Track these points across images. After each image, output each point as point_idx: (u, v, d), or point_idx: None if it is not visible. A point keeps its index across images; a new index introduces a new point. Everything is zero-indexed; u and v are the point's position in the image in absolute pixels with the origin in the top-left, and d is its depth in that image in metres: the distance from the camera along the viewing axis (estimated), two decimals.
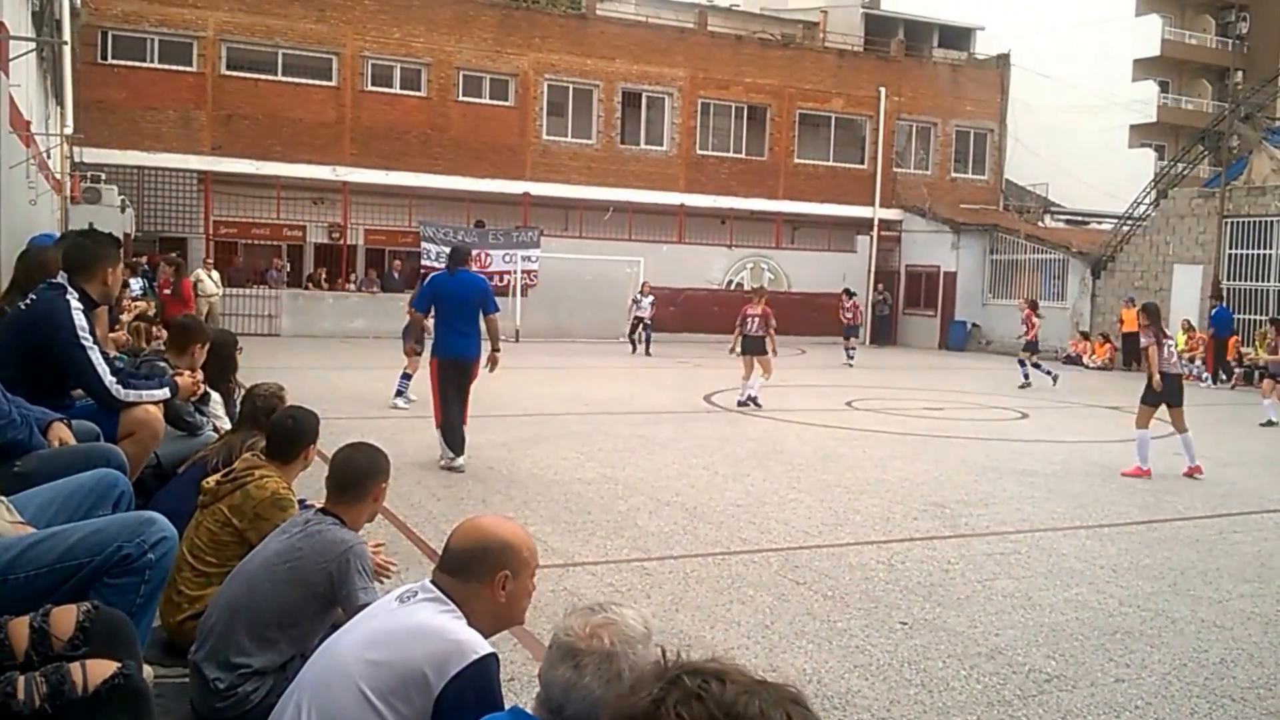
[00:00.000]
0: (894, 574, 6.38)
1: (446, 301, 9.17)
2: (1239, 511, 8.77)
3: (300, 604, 3.45)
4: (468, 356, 9.14)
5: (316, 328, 24.68)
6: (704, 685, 1.34)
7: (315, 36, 26.49)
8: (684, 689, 1.34)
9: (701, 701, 1.32)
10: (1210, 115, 36.42)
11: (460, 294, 9.11)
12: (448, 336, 9.16)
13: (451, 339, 9.12)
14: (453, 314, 9.13)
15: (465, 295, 9.09)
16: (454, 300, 9.12)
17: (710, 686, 1.33)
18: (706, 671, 1.36)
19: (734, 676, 1.36)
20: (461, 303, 9.09)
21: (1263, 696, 4.63)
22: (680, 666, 1.38)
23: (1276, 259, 23.03)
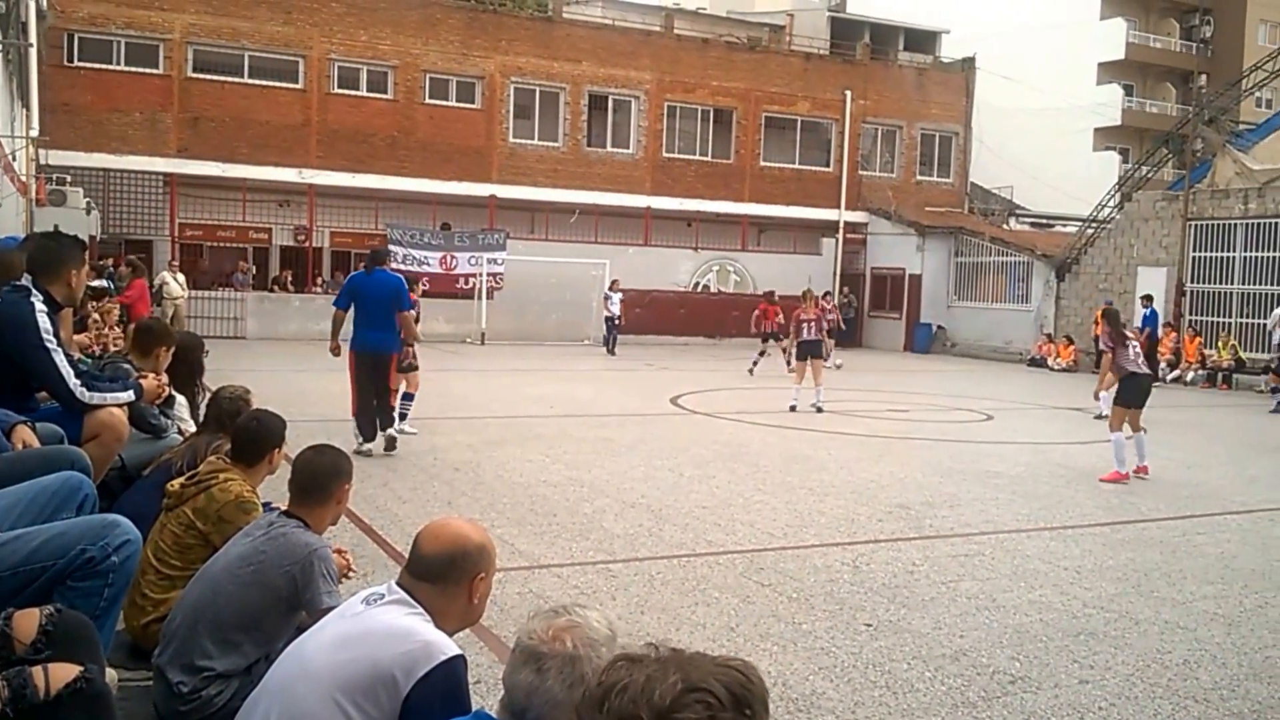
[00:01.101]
0: (859, 576, 6.42)
1: (362, 298, 9.77)
2: (1202, 513, 8.86)
3: (264, 607, 3.43)
4: (379, 349, 9.74)
5: (282, 330, 24.49)
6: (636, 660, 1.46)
7: (282, 39, 26.34)
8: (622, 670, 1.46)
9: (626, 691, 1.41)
10: (1174, 118, 36.94)
11: (375, 292, 9.73)
12: (362, 331, 9.77)
13: (365, 333, 9.74)
14: (368, 310, 9.73)
15: (379, 293, 9.71)
16: (369, 297, 9.73)
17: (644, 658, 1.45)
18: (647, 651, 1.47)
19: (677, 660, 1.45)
20: (376, 300, 9.70)
21: (1225, 698, 4.68)
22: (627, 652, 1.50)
23: (1240, 261, 23.37)
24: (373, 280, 9.83)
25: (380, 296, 9.68)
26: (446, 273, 26.26)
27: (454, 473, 9.18)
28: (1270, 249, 22.71)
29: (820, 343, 14.94)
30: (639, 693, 1.40)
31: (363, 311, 9.74)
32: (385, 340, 9.75)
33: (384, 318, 9.70)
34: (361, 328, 9.76)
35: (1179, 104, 44.73)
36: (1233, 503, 9.34)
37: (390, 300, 9.69)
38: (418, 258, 25.96)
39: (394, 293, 9.70)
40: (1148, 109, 46.30)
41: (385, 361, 9.82)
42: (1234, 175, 24.22)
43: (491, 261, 26.39)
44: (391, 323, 9.75)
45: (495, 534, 5.79)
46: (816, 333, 14.99)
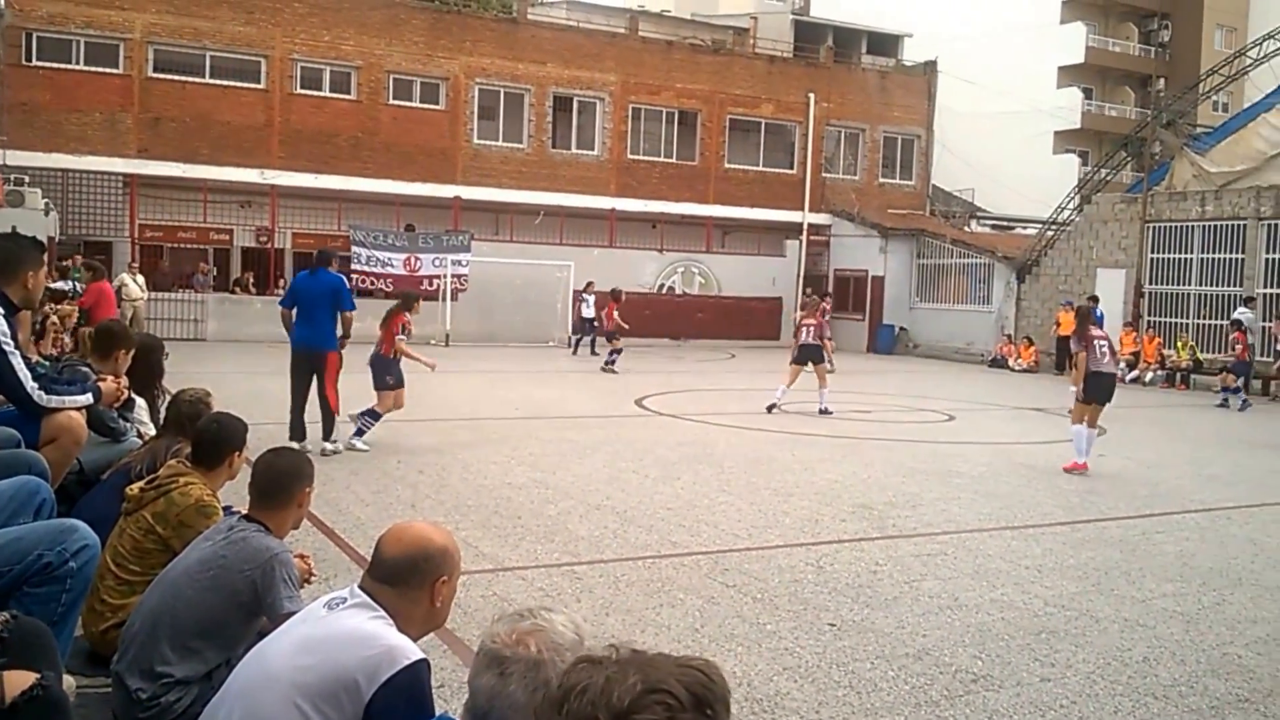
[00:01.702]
0: (822, 576, 6.45)
1: (302, 297, 10.13)
2: (1161, 512, 8.97)
3: (224, 612, 3.40)
4: (314, 346, 9.97)
5: (244, 332, 24.23)
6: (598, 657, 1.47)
7: (244, 39, 26.11)
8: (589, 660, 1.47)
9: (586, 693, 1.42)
10: (1133, 122, 37.44)
11: (314, 290, 10.09)
12: (299, 328, 10.07)
13: (301, 329, 10.05)
14: (306, 308, 10.05)
15: (318, 291, 10.05)
16: (308, 296, 10.09)
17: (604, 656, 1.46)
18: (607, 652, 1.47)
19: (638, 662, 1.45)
20: (314, 297, 10.03)
21: (1184, 694, 4.74)
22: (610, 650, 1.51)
23: (1197, 263, 23.70)
24: (313, 279, 10.18)
25: (318, 294, 9.99)
26: (410, 274, 26.09)
27: (418, 475, 9.13)
28: (1227, 251, 23.06)
29: (819, 347, 15.06)
30: (598, 694, 1.39)
31: (301, 309, 10.07)
32: (320, 337, 9.98)
33: (321, 316, 9.97)
34: (299, 325, 10.06)
35: (1137, 107, 45.34)
36: (1191, 501, 9.46)
37: (329, 298, 9.95)
38: (381, 259, 25.83)
39: (331, 291, 9.98)
40: (1107, 112, 46.88)
41: (320, 359, 9.97)
42: (1191, 178, 24.58)
43: (456, 263, 26.28)
44: (328, 321, 10.00)
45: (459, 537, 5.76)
46: (815, 337, 15.10)
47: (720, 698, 1.43)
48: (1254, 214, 22.46)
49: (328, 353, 10.01)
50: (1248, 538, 8.00)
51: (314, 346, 10.00)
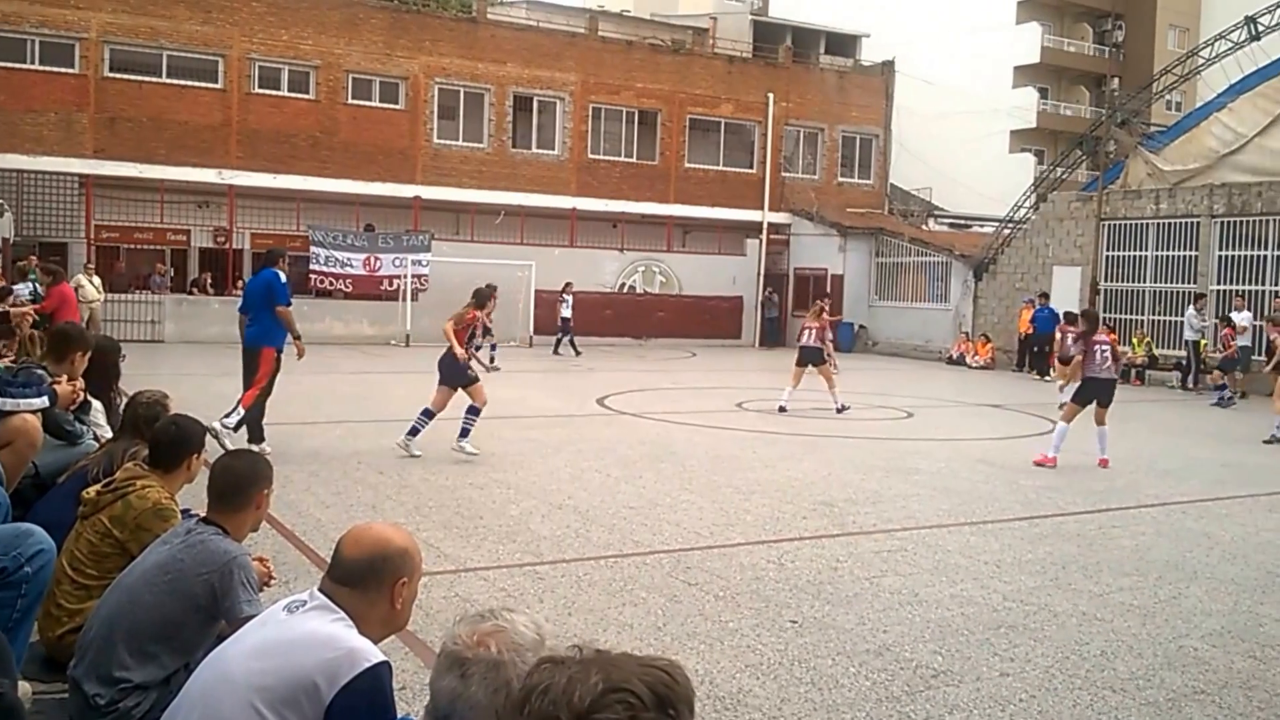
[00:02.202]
0: (784, 573, 6.48)
1: (247, 297, 10.48)
2: (1117, 507, 9.09)
3: (182, 616, 3.36)
4: (250, 343, 10.14)
5: (202, 334, 23.95)
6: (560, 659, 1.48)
7: (201, 38, 25.81)
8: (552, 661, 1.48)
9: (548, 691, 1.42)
10: (1088, 121, 37.95)
11: (252, 288, 10.42)
12: (247, 327, 10.26)
13: (246, 328, 10.25)
14: (249, 306, 10.29)
15: (254, 289, 10.30)
16: (248, 295, 10.44)
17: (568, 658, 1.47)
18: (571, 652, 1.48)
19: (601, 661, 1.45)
20: (251, 295, 10.31)
21: (1141, 687, 4.81)
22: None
23: (1152, 260, 24.04)
24: (256, 279, 10.52)
25: (255, 292, 10.21)
26: (370, 274, 25.96)
27: (378, 476, 9.08)
28: (1181, 248, 23.41)
29: (820, 349, 15.21)
30: (559, 694, 1.39)
31: (245, 308, 10.36)
32: (257, 334, 10.09)
33: (257, 312, 10.08)
34: (248, 325, 10.24)
35: (1092, 107, 45.91)
36: (1147, 496, 9.60)
37: (264, 295, 10.04)
38: (340, 259, 25.64)
39: (264, 287, 10.08)
40: (1062, 112, 47.44)
41: (256, 355, 10.07)
42: (1145, 176, 24.92)
43: (416, 263, 26.13)
44: (264, 316, 10.02)
45: (421, 537, 5.74)
46: (816, 340, 15.28)
47: (683, 698, 1.43)
48: (1207, 211, 22.83)
49: (263, 349, 10.03)
50: (1202, 531, 8.13)
51: (251, 343, 10.13)
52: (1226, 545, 7.69)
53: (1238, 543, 7.79)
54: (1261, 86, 22.50)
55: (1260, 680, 4.94)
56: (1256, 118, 22.63)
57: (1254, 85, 22.65)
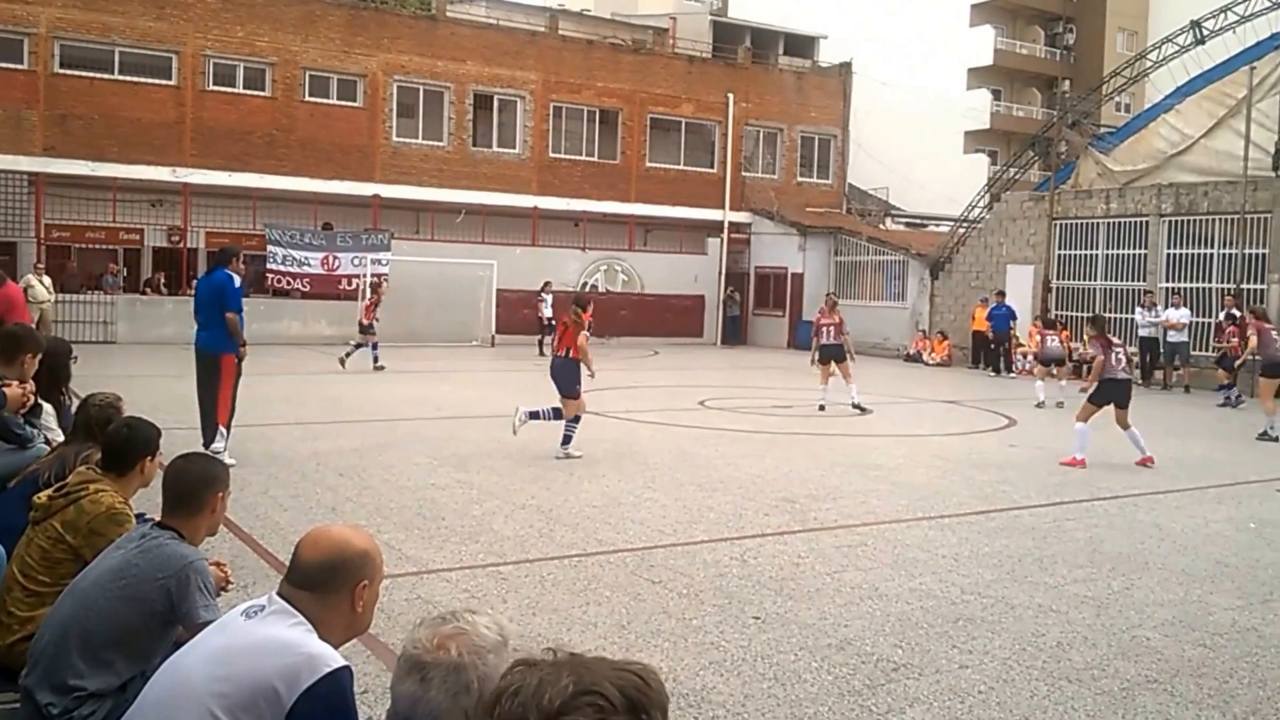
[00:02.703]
0: (747, 570, 6.51)
1: (196, 298, 10.11)
2: (1071, 500, 9.22)
3: (137, 622, 3.30)
4: (205, 349, 9.76)
5: (155, 334, 23.65)
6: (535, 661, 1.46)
7: (154, 34, 25.44)
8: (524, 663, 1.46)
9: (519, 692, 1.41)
10: (1040, 122, 38.42)
11: (203, 291, 9.95)
12: (197, 330, 9.92)
13: (198, 332, 9.89)
14: (198, 309, 9.92)
15: (205, 292, 9.87)
16: (199, 297, 9.99)
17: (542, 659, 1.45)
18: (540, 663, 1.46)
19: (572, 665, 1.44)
20: (203, 299, 9.86)
21: (1096, 677, 4.88)
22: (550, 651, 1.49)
23: (1102, 259, 24.42)
24: (207, 280, 10.02)
25: (206, 295, 9.78)
26: (329, 274, 25.74)
27: (338, 478, 9.01)
28: (1130, 246, 23.80)
29: (840, 346, 15.28)
30: (530, 696, 1.38)
31: (197, 311, 9.92)
32: (211, 339, 9.70)
33: (209, 317, 9.69)
34: (198, 327, 9.89)
35: (1044, 108, 46.49)
36: (1099, 489, 9.74)
37: (216, 298, 9.64)
38: (298, 259, 25.41)
39: (216, 290, 9.66)
40: (1015, 113, 48.01)
41: (214, 362, 9.67)
42: (1096, 176, 25.32)
43: (376, 262, 25.94)
44: (220, 322, 9.63)
45: (382, 539, 5.70)
46: (836, 336, 15.36)
47: (656, 703, 1.42)
48: (1155, 211, 23.22)
49: (220, 355, 9.65)
50: (1154, 523, 8.27)
51: (204, 349, 9.75)
52: (1177, 537, 7.83)
53: (1188, 534, 7.93)
54: (1206, 89, 22.95)
55: (1210, 668, 5.03)
56: (1202, 119, 23.08)
57: (1199, 88, 23.10)
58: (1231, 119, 22.27)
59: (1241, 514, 8.75)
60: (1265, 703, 4.64)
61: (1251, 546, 7.60)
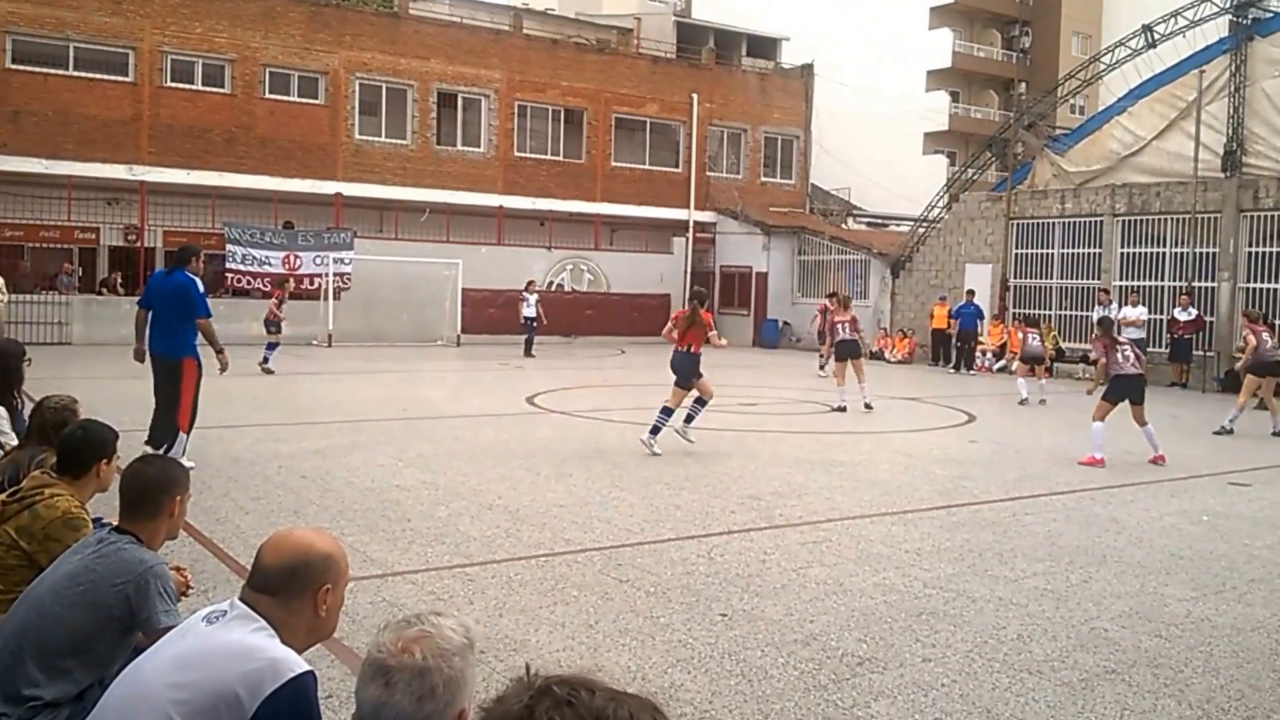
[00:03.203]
0: (714, 567, 6.53)
1: (154, 300, 9.51)
2: (1030, 495, 9.32)
3: (95, 629, 3.25)
4: (166, 354, 9.33)
5: (112, 335, 23.30)
6: (574, 693, 1.40)
7: (110, 30, 25.10)
8: (554, 696, 1.39)
9: (572, 708, 1.38)
10: (997, 124, 38.77)
11: (165, 293, 9.42)
12: (153, 333, 9.44)
13: (155, 336, 9.41)
14: (158, 312, 9.44)
15: (168, 294, 9.37)
16: (160, 299, 9.44)
17: (580, 694, 1.39)
18: (575, 681, 1.42)
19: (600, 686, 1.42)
20: (165, 302, 9.37)
21: (1056, 669, 4.94)
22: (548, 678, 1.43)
23: (1058, 257, 24.76)
24: (167, 280, 9.53)
25: (169, 298, 9.34)
26: (290, 273, 25.50)
27: (300, 480, 8.92)
28: (1085, 245, 24.16)
29: (856, 343, 15.27)
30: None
31: (155, 313, 9.47)
32: (173, 345, 9.32)
33: (172, 320, 9.29)
34: (153, 330, 9.44)
35: (1001, 110, 46.99)
36: (1057, 484, 9.85)
37: (180, 302, 9.27)
38: (258, 258, 25.16)
39: (180, 294, 9.28)
40: (972, 115, 48.47)
41: (175, 367, 9.29)
42: (1051, 177, 25.68)
43: (338, 261, 25.76)
44: (181, 327, 9.28)
45: (346, 542, 5.67)
46: (852, 333, 15.33)
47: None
48: (1110, 211, 23.57)
49: (182, 359, 9.27)
50: (1110, 517, 8.38)
51: (166, 354, 9.31)
52: (1133, 530, 7.93)
53: (1143, 527, 8.04)
54: (1158, 92, 23.38)
55: (1166, 658, 5.11)
56: (1154, 121, 23.51)
57: (1151, 90, 23.52)
58: (1182, 121, 22.68)
59: (1195, 507, 8.88)
60: (1219, 691, 4.71)
61: (1205, 539, 7.72)
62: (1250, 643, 5.39)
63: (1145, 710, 4.48)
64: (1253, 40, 21.83)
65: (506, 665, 4.76)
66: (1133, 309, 21.43)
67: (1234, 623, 5.70)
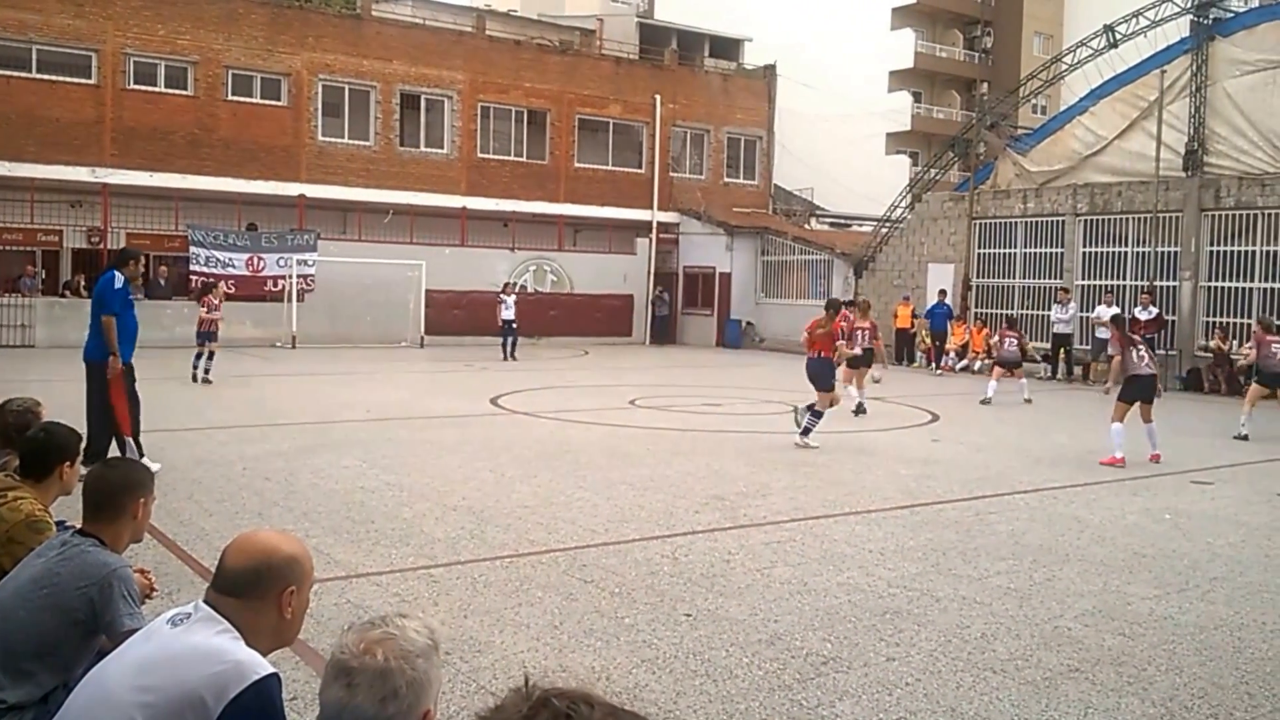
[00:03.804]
0: (678, 567, 6.55)
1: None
2: (993, 494, 9.41)
3: (59, 632, 3.23)
4: (87, 356, 9.19)
5: (75, 338, 22.67)
6: (573, 706, 1.39)
7: (73, 32, 24.78)
8: (553, 709, 1.38)
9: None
10: (959, 124, 39.10)
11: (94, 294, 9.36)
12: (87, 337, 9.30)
13: (87, 339, 9.29)
14: (91, 315, 9.30)
15: (94, 296, 9.30)
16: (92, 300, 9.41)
17: (579, 708, 1.39)
18: (574, 695, 1.41)
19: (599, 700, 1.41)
20: (92, 304, 9.32)
21: (1020, 667, 4.99)
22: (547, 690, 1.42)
23: (1020, 257, 25.02)
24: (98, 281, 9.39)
25: (93, 299, 9.25)
26: (253, 275, 25.32)
27: (264, 482, 8.87)
28: (1047, 245, 24.43)
29: (873, 351, 15.21)
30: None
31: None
32: (90, 347, 9.14)
33: (94, 323, 9.16)
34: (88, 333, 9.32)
35: (963, 110, 47.34)
36: (1020, 483, 9.94)
37: (95, 303, 9.15)
38: (221, 260, 24.94)
39: (97, 293, 9.17)
40: (935, 115, 48.82)
41: (97, 370, 9.06)
42: (1014, 177, 25.91)
43: (302, 263, 25.59)
44: (97, 328, 9.08)
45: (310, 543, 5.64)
46: (871, 340, 15.30)
47: None
48: (1071, 210, 23.86)
49: (92, 362, 9.08)
50: (1073, 516, 8.48)
51: (89, 357, 9.16)
52: (1095, 528, 8.03)
53: (1106, 525, 8.14)
54: (1119, 91, 23.63)
55: (1129, 656, 5.17)
56: (1115, 121, 23.75)
57: (1113, 90, 23.77)
58: (1144, 121, 22.94)
59: (1157, 505, 8.99)
60: (1182, 689, 4.78)
61: (1167, 537, 7.82)
62: (1213, 640, 5.46)
63: (1109, 708, 4.53)
64: (1214, 40, 22.09)
65: (471, 666, 4.77)
66: (1106, 309, 21.64)
67: (1197, 620, 5.77)
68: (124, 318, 9.09)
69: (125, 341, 9.09)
